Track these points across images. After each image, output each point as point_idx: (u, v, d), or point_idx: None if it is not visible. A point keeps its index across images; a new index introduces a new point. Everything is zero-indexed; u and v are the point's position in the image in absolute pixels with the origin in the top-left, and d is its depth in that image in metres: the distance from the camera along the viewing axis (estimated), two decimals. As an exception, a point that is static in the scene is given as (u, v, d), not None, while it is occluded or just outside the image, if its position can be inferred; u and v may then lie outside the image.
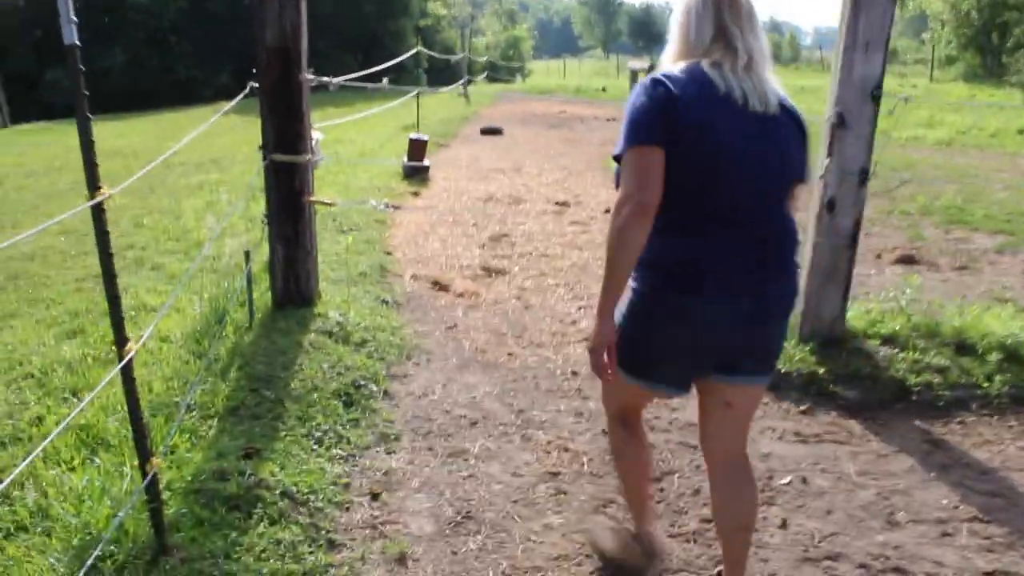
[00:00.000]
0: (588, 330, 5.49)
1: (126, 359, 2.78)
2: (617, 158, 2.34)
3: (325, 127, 12.69)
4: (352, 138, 14.71)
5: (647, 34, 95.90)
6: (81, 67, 2.57)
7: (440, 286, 6.36)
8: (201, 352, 4.49)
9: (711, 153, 2.26)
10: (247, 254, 4.79)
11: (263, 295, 5.32)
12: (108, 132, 20.39)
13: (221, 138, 15.33)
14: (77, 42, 2.55)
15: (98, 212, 2.71)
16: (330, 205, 5.09)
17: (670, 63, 2.44)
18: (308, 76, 4.97)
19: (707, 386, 2.59)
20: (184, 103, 31.14)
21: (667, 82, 2.28)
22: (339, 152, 12.64)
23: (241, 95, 5.17)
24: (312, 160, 5.03)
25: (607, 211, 9.01)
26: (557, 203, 9.50)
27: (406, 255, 7.22)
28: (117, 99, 33.93)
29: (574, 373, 4.89)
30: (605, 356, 2.39)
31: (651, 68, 10.05)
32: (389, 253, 7.17)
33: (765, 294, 2.36)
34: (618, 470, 3.07)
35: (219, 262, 6.49)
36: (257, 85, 4.87)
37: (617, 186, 2.35)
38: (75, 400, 4.05)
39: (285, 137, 4.86)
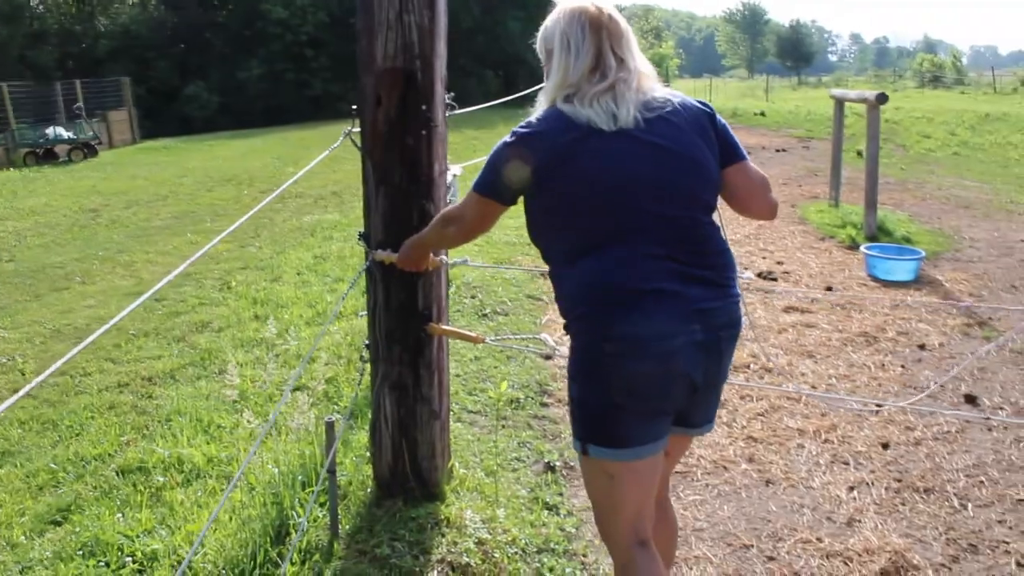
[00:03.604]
0: (879, 543, 3.29)
1: None
2: None
3: (460, 152, 10.81)
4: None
5: (795, 53, 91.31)
6: None
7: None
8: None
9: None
10: (329, 427, 2.75)
11: (359, 471, 3.29)
12: (233, 151, 19.29)
13: (348, 163, 13.67)
14: None
15: None
16: (475, 341, 3.02)
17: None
18: (444, 111, 2.94)
19: None
20: (318, 118, 30.29)
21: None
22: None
23: (330, 149, 3.16)
24: (447, 263, 2.99)
25: (829, 288, 6.69)
26: (759, 275, 7.21)
27: (570, 356, 5.10)
28: (252, 114, 33.58)
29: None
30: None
31: (883, 99, 7.68)
32: (549, 357, 5.06)
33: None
34: None
35: (310, 390, 4.52)
36: (358, 131, 2.87)
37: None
38: None
39: (400, 223, 2.83)
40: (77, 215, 11.01)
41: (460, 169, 9.35)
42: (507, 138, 2.16)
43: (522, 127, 2.15)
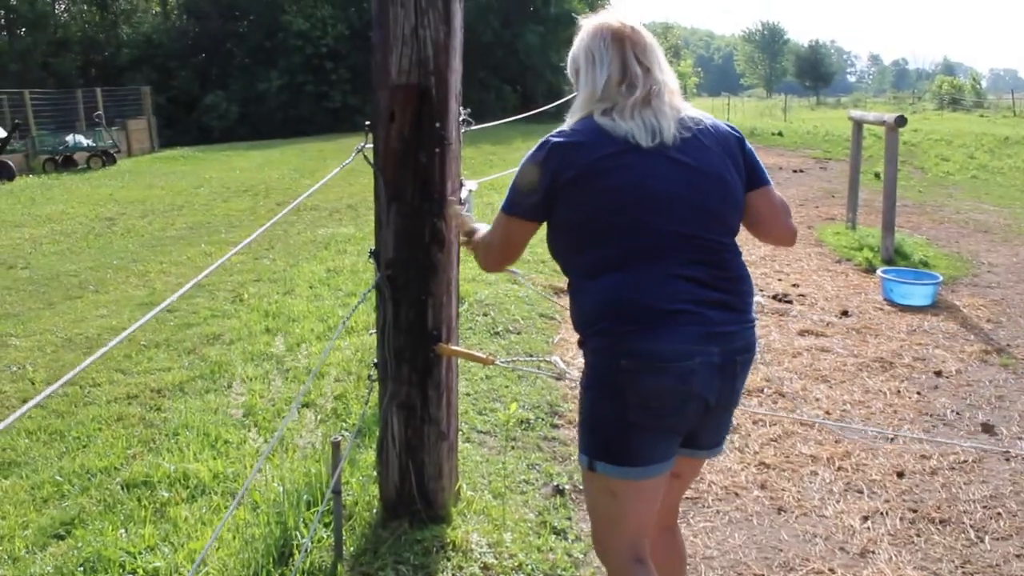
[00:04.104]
0: (893, 575, 3.22)
1: None
2: None
3: (477, 167, 10.80)
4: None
5: (814, 73, 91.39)
6: None
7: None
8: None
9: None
10: (335, 447, 2.72)
11: (366, 491, 3.25)
12: (251, 162, 19.37)
13: (364, 176, 13.69)
14: None
15: None
16: (485, 363, 3.00)
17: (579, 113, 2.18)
18: (459, 128, 2.91)
19: None
20: (337, 130, 30.43)
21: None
22: (494, 205, 10.63)
23: (342, 165, 3.14)
24: (456, 276, 2.96)
25: (844, 312, 6.62)
26: (774, 297, 7.15)
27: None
28: (271, 125, 33.73)
29: None
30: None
31: (901, 121, 7.63)
32: (560, 378, 5.02)
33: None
34: None
35: (318, 408, 4.49)
36: (371, 146, 2.85)
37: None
38: None
39: (412, 241, 2.80)
40: (93, 223, 11.05)
41: (475, 184, 9.34)
42: (537, 149, 2.13)
43: (555, 135, 2.12)
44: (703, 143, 2.10)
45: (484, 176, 10.88)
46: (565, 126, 2.15)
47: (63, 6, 40.29)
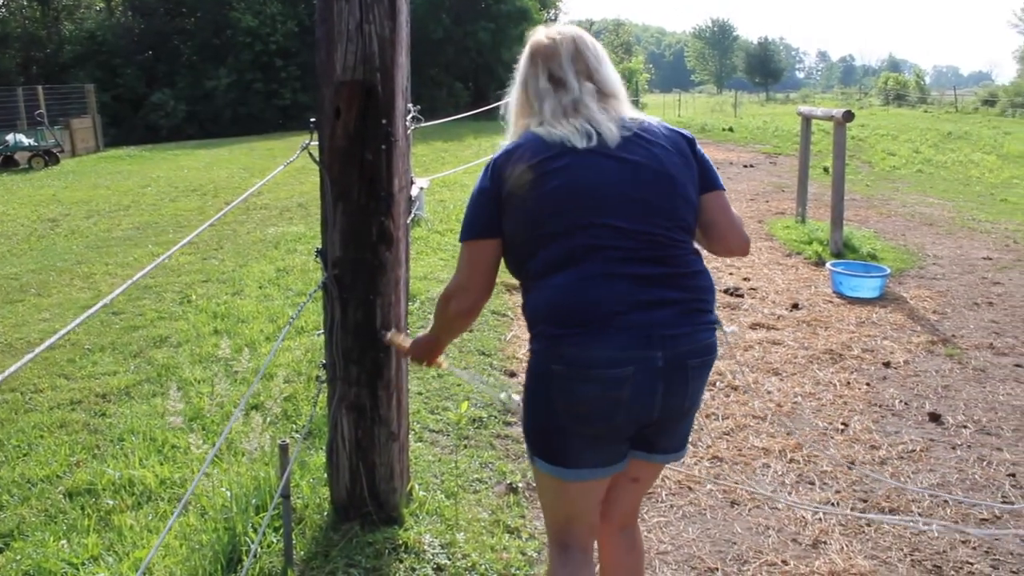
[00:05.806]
0: (844, 565, 3.25)
1: None
2: None
3: (428, 164, 10.73)
4: (464, 182, 12.64)
5: (764, 70, 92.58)
6: None
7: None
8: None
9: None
10: (283, 450, 2.66)
11: (316, 493, 3.20)
12: (199, 161, 19.06)
13: (314, 175, 13.53)
14: None
15: None
16: (434, 365, 2.96)
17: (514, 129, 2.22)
18: (405, 125, 2.87)
19: None
20: (287, 128, 30.12)
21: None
22: (445, 202, 10.59)
23: (286, 163, 3.09)
24: (406, 275, 2.91)
25: (795, 305, 6.69)
26: (725, 291, 7.20)
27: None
28: (219, 123, 33.26)
29: None
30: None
31: (849, 117, 7.73)
32: (514, 374, 5.00)
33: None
34: None
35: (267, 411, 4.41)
36: (318, 143, 2.80)
37: None
38: None
39: (358, 240, 2.75)
40: (35, 225, 10.79)
41: (427, 182, 9.30)
42: (482, 173, 2.13)
43: (496, 156, 2.12)
44: (648, 139, 2.07)
45: (436, 173, 10.84)
46: (506, 143, 2.15)
47: (1, 1, 39.28)
